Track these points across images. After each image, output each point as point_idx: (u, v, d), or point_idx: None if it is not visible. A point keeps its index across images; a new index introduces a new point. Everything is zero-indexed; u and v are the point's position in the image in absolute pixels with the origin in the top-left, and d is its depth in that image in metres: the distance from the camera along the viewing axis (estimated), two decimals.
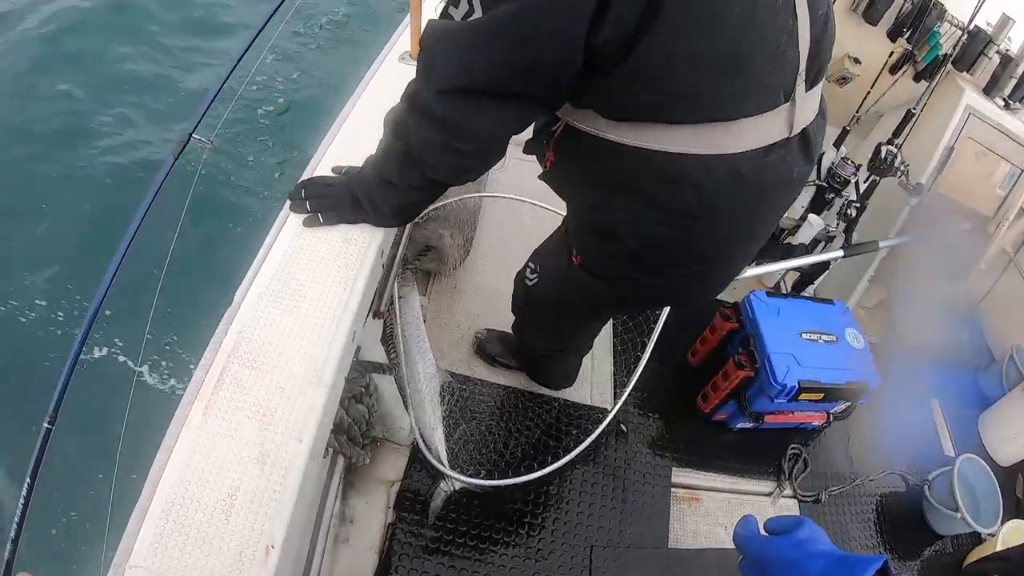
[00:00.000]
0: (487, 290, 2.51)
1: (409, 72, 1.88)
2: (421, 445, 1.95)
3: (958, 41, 2.41)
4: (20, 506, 1.01)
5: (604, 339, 2.49)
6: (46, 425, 1.08)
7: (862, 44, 2.66)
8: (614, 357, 2.44)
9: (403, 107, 1.11)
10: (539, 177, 1.35)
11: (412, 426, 1.97)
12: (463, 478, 1.92)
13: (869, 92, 2.39)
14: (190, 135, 1.47)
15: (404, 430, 1.98)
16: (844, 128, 2.44)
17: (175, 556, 0.96)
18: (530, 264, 1.66)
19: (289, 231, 1.38)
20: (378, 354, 1.65)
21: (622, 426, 2.25)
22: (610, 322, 2.53)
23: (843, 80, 2.65)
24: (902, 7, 2.54)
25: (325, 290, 1.29)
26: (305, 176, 1.45)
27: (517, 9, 0.85)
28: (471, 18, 0.90)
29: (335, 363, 1.19)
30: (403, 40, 1.98)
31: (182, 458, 1.05)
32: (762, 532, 0.82)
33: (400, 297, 2.13)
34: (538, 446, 2.12)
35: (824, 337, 2.30)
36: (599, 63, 0.90)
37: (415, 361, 2.08)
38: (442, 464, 1.95)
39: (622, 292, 1.37)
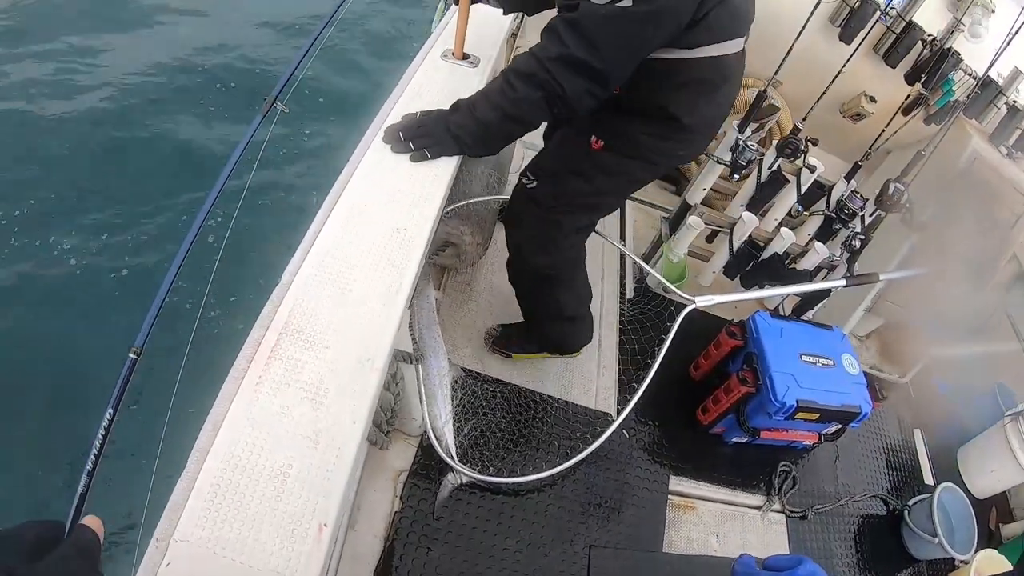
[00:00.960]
0: (501, 288, 2.55)
1: (450, 69, 1.93)
2: (432, 437, 1.98)
3: (971, 90, 2.52)
4: (100, 437, 0.99)
5: (610, 346, 2.54)
6: (131, 356, 1.10)
7: (879, 85, 2.76)
8: (619, 365, 2.49)
9: (547, 65, 1.41)
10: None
11: (424, 418, 1.99)
12: (471, 473, 1.96)
13: (883, 131, 2.48)
14: (275, 99, 1.54)
15: (416, 421, 2.00)
16: (856, 163, 2.53)
17: (225, 530, 0.95)
18: (527, 174, 1.92)
19: (339, 214, 1.40)
20: (406, 343, 1.67)
21: (624, 432, 2.31)
22: (616, 332, 2.58)
23: (858, 116, 2.75)
24: (921, 53, 2.65)
25: (376, 276, 1.31)
26: (352, 163, 1.50)
27: (666, 4, 1.34)
28: (620, 4, 1.31)
29: (387, 349, 1.21)
30: (443, 40, 2.01)
31: (233, 432, 1.05)
32: (759, 569, 0.84)
33: (417, 291, 2.16)
34: (544, 445, 2.17)
35: (823, 361, 2.38)
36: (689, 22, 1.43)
37: (428, 355, 2.10)
38: (451, 457, 1.98)
39: (650, 163, 1.80)
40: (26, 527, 0.51)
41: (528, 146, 2.83)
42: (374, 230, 1.39)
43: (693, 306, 2.18)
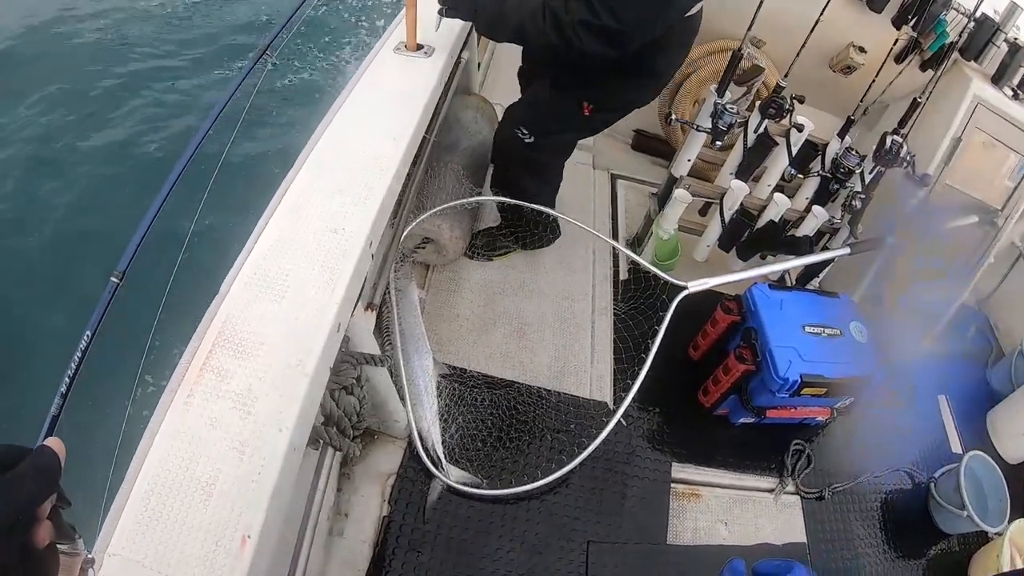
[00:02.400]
0: (486, 282, 2.50)
1: (404, 62, 1.89)
2: (416, 440, 1.95)
3: (964, 28, 2.36)
4: (76, 359, 1.00)
5: (604, 332, 2.47)
6: (113, 280, 1.13)
7: (866, 32, 2.60)
8: (614, 352, 2.41)
9: (576, 28, 1.62)
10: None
11: (408, 419, 1.96)
12: (456, 484, 1.91)
13: (874, 81, 2.34)
14: (263, 52, 1.62)
15: (400, 423, 1.96)
16: (849, 118, 2.39)
17: (152, 544, 0.96)
18: (522, 128, 2.13)
19: (278, 221, 1.38)
20: (370, 346, 1.63)
21: (622, 420, 2.22)
22: (610, 317, 2.51)
23: (848, 69, 2.60)
24: None
25: (310, 280, 1.27)
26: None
27: None
28: None
29: (318, 353, 1.17)
30: (398, 32, 1.97)
31: (164, 445, 1.04)
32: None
33: (398, 290, 2.13)
34: (536, 439, 2.10)
35: (828, 331, 2.26)
36: None
37: (412, 354, 2.07)
38: (438, 459, 1.94)
39: (626, 111, 2.12)
40: None
41: None
42: (312, 232, 1.36)
43: (686, 292, 2.10)
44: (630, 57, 1.78)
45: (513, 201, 2.29)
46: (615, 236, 2.87)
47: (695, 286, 2.14)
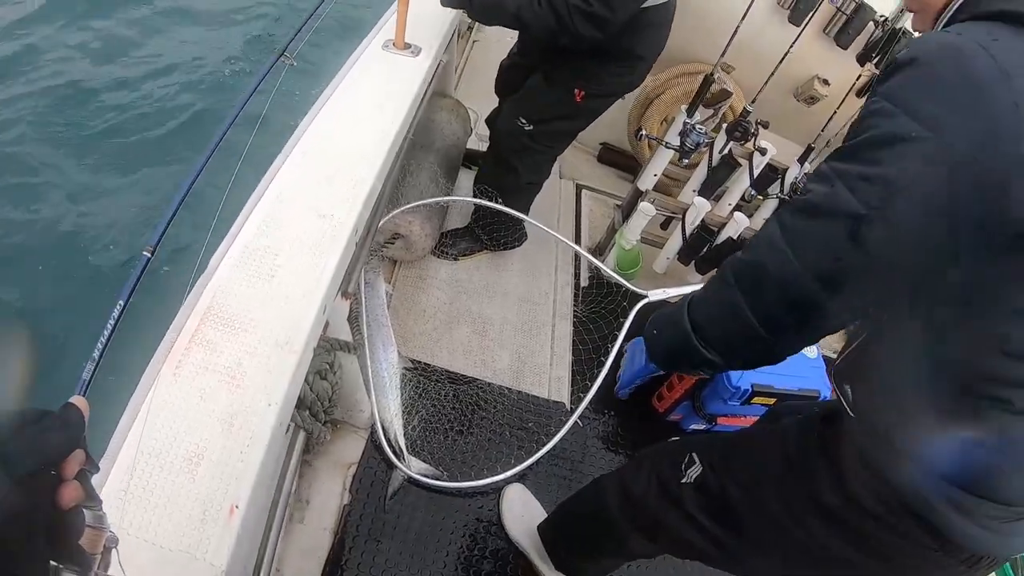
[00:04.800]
0: (451, 281, 2.55)
1: (391, 60, 1.93)
2: (379, 432, 1.97)
3: None
4: (109, 327, 1.02)
5: (563, 336, 2.54)
6: (146, 254, 1.15)
7: (831, 67, 2.78)
8: (573, 355, 2.49)
9: (572, 14, 1.79)
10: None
11: (372, 410, 1.98)
12: (417, 476, 1.94)
13: (836, 112, 2.51)
14: (283, 52, 1.64)
15: (364, 413, 1.98)
16: (809, 145, 2.55)
17: (138, 515, 0.96)
18: (521, 118, 2.28)
19: (267, 201, 1.40)
20: (344, 332, 1.66)
21: (578, 421, 2.29)
22: (570, 323, 2.59)
23: (811, 100, 2.78)
24: (872, 33, 2.68)
25: (300, 261, 1.30)
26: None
27: None
28: None
29: (307, 331, 1.20)
30: (387, 29, 2.01)
31: (150, 416, 1.05)
32: None
33: (366, 283, 2.15)
34: (496, 435, 2.15)
35: None
36: None
37: (378, 346, 2.09)
38: (400, 451, 1.97)
39: (615, 95, 2.26)
40: (11, 410, 0.51)
41: (482, 138, 2.83)
42: (301, 216, 1.39)
43: (646, 300, 2.19)
44: (613, 42, 1.96)
45: (487, 203, 2.35)
46: (578, 244, 2.96)
47: (655, 295, 2.23)
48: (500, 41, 3.73)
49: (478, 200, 2.36)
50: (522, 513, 2.00)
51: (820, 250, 0.84)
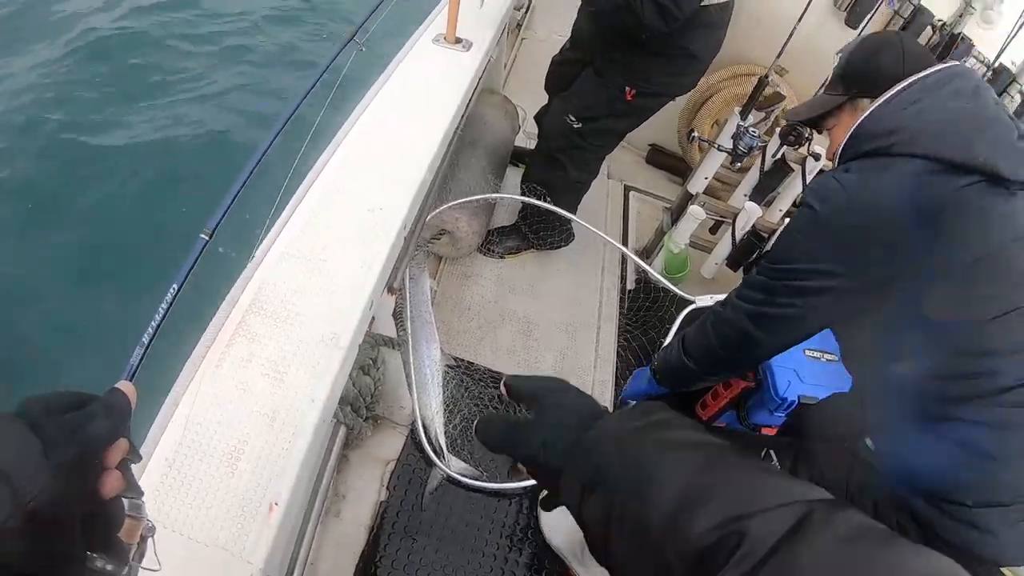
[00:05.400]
0: (497, 279, 2.52)
1: (441, 53, 1.91)
2: (420, 429, 1.95)
3: (983, 76, 2.42)
4: (161, 310, 1.01)
5: (608, 339, 2.49)
6: (203, 237, 1.15)
7: None
8: (617, 359, 2.44)
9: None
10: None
11: (413, 407, 1.96)
12: (456, 475, 1.91)
13: None
14: (353, 36, 1.65)
15: (404, 410, 1.97)
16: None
17: (175, 507, 0.95)
18: (570, 115, 2.26)
19: (315, 194, 1.39)
20: (388, 328, 1.64)
21: None
22: (615, 325, 2.53)
23: None
24: (930, 38, 2.56)
25: (348, 255, 1.28)
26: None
27: None
28: None
29: (353, 327, 1.18)
30: (438, 23, 1.99)
31: (191, 409, 1.04)
32: None
33: (411, 278, 2.14)
34: None
35: (827, 356, 2.30)
36: None
37: (421, 343, 2.08)
38: (440, 449, 1.95)
39: (667, 96, 2.23)
40: (57, 393, 0.49)
41: (530, 136, 2.80)
42: (350, 209, 1.37)
43: (693, 306, 2.13)
44: (668, 40, 1.95)
45: (535, 201, 2.31)
46: (624, 246, 2.90)
47: (702, 301, 2.17)
48: (548, 39, 3.69)
49: (526, 198, 2.32)
50: (560, 518, 1.96)
51: None
